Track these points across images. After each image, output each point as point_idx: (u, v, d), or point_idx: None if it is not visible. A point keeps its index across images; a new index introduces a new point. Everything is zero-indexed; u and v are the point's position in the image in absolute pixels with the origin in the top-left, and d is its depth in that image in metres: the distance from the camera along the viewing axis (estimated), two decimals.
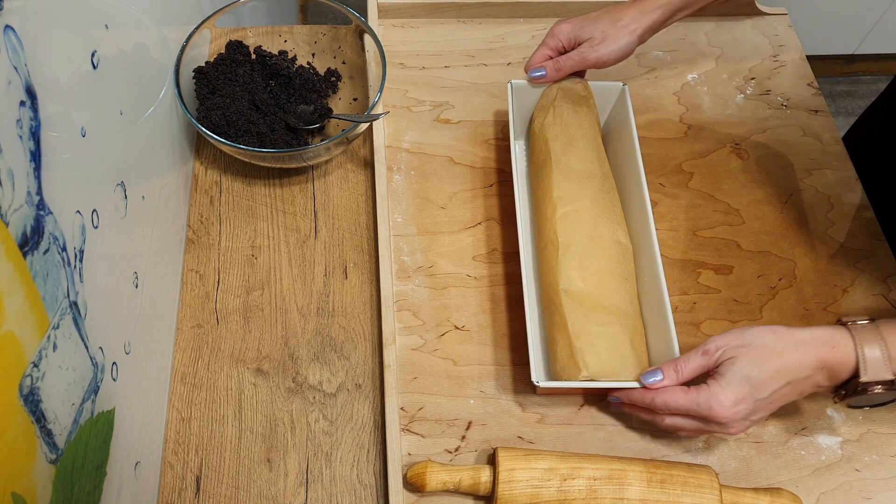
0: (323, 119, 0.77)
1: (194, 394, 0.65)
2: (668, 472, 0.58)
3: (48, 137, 0.41)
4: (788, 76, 0.88)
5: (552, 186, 0.69)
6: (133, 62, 0.60)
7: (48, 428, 0.40)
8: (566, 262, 0.65)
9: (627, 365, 0.62)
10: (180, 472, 0.62)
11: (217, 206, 0.75)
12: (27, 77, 0.38)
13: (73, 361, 0.43)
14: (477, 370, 0.67)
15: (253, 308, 0.69)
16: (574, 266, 0.65)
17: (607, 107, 0.78)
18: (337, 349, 0.68)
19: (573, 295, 0.64)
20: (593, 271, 0.65)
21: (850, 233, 0.76)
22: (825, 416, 0.66)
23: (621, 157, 0.74)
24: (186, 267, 0.71)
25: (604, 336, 0.62)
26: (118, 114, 0.55)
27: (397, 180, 0.78)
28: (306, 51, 0.83)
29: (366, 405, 0.65)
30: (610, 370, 0.61)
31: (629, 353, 0.62)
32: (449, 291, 0.71)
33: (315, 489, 0.61)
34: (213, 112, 0.73)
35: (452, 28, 0.90)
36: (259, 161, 0.73)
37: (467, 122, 0.82)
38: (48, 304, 0.40)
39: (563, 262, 0.65)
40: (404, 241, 0.74)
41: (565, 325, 0.62)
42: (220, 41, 0.79)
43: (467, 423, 0.65)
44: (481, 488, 0.59)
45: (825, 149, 0.82)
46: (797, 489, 0.62)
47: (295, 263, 0.72)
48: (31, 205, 0.38)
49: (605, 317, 0.63)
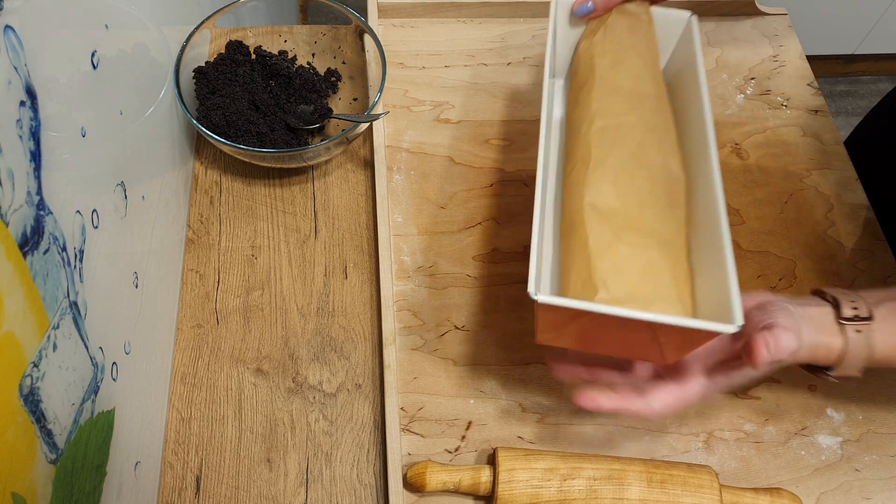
0: (323, 119, 0.77)
1: (194, 394, 0.65)
2: (668, 472, 0.58)
3: (48, 137, 0.41)
4: (788, 76, 0.88)
5: (591, 102, 0.56)
6: (133, 62, 0.60)
7: (48, 428, 0.40)
8: (597, 176, 0.51)
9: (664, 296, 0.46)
10: (180, 472, 0.62)
11: (217, 206, 0.75)
12: (27, 77, 0.38)
13: (73, 361, 0.43)
14: (477, 370, 0.67)
15: (253, 308, 0.69)
16: (607, 180, 0.51)
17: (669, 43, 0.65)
18: (337, 349, 0.68)
19: (602, 212, 0.50)
20: (632, 190, 0.51)
21: (850, 233, 0.76)
22: (825, 416, 0.66)
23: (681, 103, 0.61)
24: (186, 267, 0.71)
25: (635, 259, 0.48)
26: (118, 114, 0.54)
27: (397, 180, 0.78)
28: (306, 51, 0.83)
29: (366, 405, 0.65)
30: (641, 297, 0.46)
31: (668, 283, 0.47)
32: (449, 291, 0.71)
33: (315, 489, 0.61)
34: (213, 112, 0.73)
35: (452, 28, 0.90)
36: (259, 161, 0.73)
37: (467, 122, 0.82)
38: (48, 304, 0.40)
39: (594, 176, 0.52)
40: (404, 241, 0.74)
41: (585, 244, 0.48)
42: (220, 41, 0.79)
43: (467, 423, 0.65)
44: (481, 488, 0.59)
45: (825, 149, 0.82)
46: (797, 489, 0.62)
47: (295, 263, 0.72)
48: (31, 205, 0.38)
49: (640, 239, 0.49)
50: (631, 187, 0.51)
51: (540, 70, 0.86)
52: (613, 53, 0.59)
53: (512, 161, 0.79)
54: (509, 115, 0.83)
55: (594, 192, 0.51)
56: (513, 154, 0.80)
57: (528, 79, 0.86)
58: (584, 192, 0.51)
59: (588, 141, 0.54)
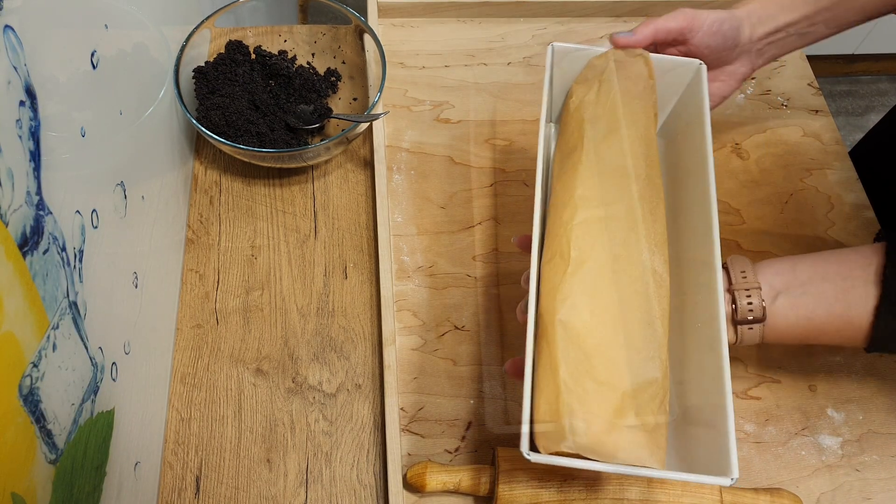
0: (323, 119, 0.77)
1: (194, 394, 0.65)
2: None
3: (48, 137, 0.40)
4: (788, 76, 0.88)
5: (576, 182, 0.52)
6: (133, 62, 0.60)
7: (48, 428, 0.40)
8: (573, 284, 0.48)
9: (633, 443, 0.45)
10: (180, 472, 0.61)
11: (217, 206, 0.75)
12: (27, 77, 0.38)
13: (73, 361, 0.43)
14: (477, 370, 0.67)
15: (253, 308, 0.69)
16: (583, 291, 0.48)
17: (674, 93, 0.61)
18: (337, 349, 0.68)
19: (574, 333, 0.47)
20: (609, 308, 0.48)
21: (850, 233, 0.76)
22: (826, 416, 0.66)
23: (683, 162, 0.58)
24: (186, 267, 0.71)
25: (604, 401, 0.46)
26: (118, 114, 0.54)
27: (397, 180, 0.77)
28: (306, 50, 0.83)
29: (366, 405, 0.65)
30: (610, 444, 0.44)
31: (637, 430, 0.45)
32: (449, 291, 0.71)
33: (315, 489, 0.61)
34: (213, 112, 0.73)
35: (452, 27, 0.90)
36: (259, 161, 0.73)
37: (467, 121, 0.82)
38: (48, 304, 0.40)
39: (569, 284, 0.48)
40: (404, 241, 0.74)
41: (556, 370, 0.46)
42: (220, 41, 0.79)
43: (467, 424, 0.64)
44: (481, 489, 0.59)
45: (825, 149, 0.82)
46: (797, 489, 0.62)
47: (295, 263, 0.72)
48: (30, 205, 0.38)
49: (611, 373, 0.46)
50: (608, 303, 0.48)
51: (540, 70, 0.86)
52: (606, 121, 0.55)
53: (512, 161, 0.79)
54: (509, 115, 0.83)
55: (568, 306, 0.47)
56: (513, 154, 0.80)
57: (528, 78, 0.86)
58: (558, 305, 0.47)
59: (568, 234, 0.50)
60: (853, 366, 0.69)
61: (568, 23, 0.91)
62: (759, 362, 0.68)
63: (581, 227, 0.50)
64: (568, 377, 0.45)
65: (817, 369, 0.69)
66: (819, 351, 0.70)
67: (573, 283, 0.48)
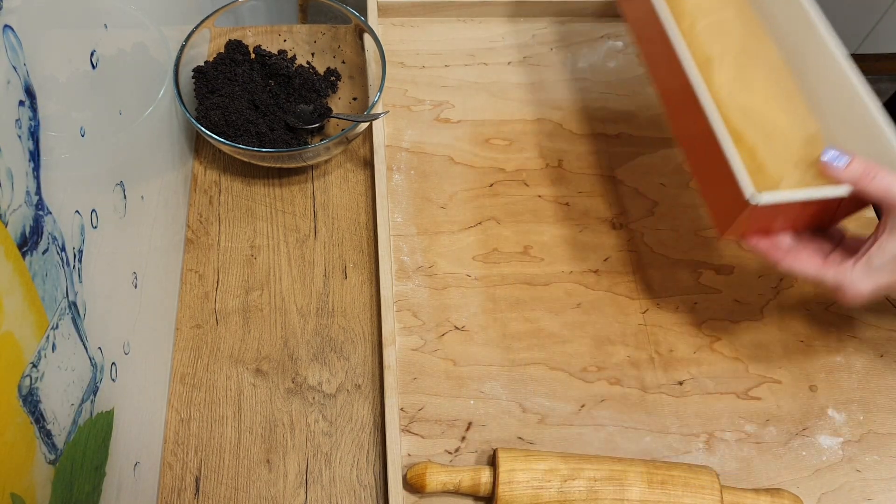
0: (322, 119, 0.77)
1: (193, 394, 0.65)
2: (668, 473, 0.58)
3: (47, 137, 0.40)
4: None
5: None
6: (132, 62, 0.60)
7: (47, 428, 0.40)
8: (722, 76, 0.57)
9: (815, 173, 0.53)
10: (179, 472, 0.61)
11: (216, 206, 0.75)
12: (26, 77, 0.38)
13: (72, 362, 0.43)
14: (477, 370, 0.67)
15: (252, 308, 0.69)
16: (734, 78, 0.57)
17: None
18: (336, 349, 0.67)
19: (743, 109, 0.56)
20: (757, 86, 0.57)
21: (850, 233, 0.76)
22: (826, 416, 0.66)
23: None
24: (186, 267, 0.71)
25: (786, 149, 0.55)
26: (117, 113, 0.54)
27: (397, 180, 0.77)
28: (306, 50, 0.83)
29: (365, 406, 0.65)
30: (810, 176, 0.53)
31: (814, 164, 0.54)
32: (449, 291, 0.71)
33: (315, 490, 0.61)
34: (213, 112, 0.73)
35: (452, 27, 0.90)
36: (258, 161, 0.73)
37: (467, 121, 0.82)
38: (47, 304, 0.40)
39: (720, 76, 0.57)
40: (404, 241, 0.74)
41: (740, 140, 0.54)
42: (220, 41, 0.79)
43: (467, 424, 0.64)
44: (482, 489, 0.58)
45: None
46: (798, 490, 0.62)
47: (294, 263, 0.72)
48: (30, 205, 0.38)
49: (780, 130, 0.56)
50: (754, 83, 0.56)
51: (540, 70, 0.86)
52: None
53: (512, 161, 0.79)
54: (509, 115, 0.83)
55: (726, 92, 0.55)
56: (513, 154, 0.80)
57: (528, 78, 0.86)
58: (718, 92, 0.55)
59: (698, 41, 0.58)
60: (854, 366, 0.69)
61: (568, 22, 0.91)
62: (759, 363, 0.68)
63: (706, 32, 0.58)
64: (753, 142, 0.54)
65: (818, 369, 0.69)
66: (819, 351, 0.70)
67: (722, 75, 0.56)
